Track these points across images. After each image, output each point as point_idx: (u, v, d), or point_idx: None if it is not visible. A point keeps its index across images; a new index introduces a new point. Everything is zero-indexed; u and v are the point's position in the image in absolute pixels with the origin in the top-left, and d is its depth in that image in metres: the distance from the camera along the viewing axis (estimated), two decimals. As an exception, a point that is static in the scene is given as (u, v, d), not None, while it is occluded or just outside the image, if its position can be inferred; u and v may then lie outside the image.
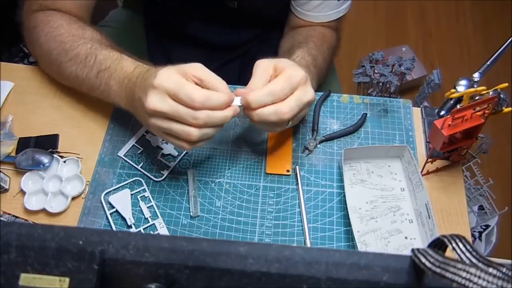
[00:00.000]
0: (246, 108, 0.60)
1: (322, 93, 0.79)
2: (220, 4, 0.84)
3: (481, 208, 0.89)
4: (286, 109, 0.59)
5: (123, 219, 0.67)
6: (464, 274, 0.29)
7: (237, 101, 0.60)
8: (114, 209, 0.68)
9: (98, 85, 0.67)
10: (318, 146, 0.75)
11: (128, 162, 0.73)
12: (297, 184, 0.71)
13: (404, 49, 1.79)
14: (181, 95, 0.54)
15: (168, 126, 0.57)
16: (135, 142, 0.75)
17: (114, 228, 0.67)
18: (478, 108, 0.62)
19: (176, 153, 0.73)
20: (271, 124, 0.62)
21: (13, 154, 0.72)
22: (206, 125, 0.56)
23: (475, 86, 0.69)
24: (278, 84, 0.59)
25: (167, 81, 0.55)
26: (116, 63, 0.65)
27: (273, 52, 0.89)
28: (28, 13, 0.75)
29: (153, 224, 0.67)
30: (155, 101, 0.55)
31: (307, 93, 0.62)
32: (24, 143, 0.73)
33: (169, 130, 0.57)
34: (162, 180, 0.71)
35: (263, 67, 0.62)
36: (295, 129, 0.76)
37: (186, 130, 0.56)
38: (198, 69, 0.58)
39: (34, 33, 0.73)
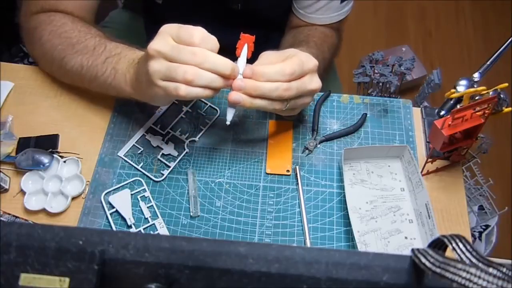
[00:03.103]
0: (249, 78, 0.59)
1: (322, 93, 0.79)
2: (223, 6, 0.84)
3: (481, 208, 0.89)
4: (286, 86, 0.59)
5: (123, 219, 0.67)
6: (464, 274, 0.29)
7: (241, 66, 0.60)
8: (114, 209, 0.68)
9: (104, 70, 0.67)
10: (318, 146, 0.75)
11: (128, 162, 0.73)
12: (297, 184, 0.71)
13: (404, 49, 1.79)
14: (181, 33, 0.56)
15: (166, 65, 0.56)
16: (135, 142, 0.75)
17: (114, 228, 0.67)
18: (478, 108, 0.62)
19: (176, 153, 0.73)
20: (267, 101, 0.61)
21: (13, 154, 0.72)
22: (204, 64, 0.56)
23: (475, 86, 0.69)
24: (289, 66, 0.59)
25: (170, 26, 0.57)
26: (127, 50, 0.67)
27: None
28: (27, 15, 0.75)
29: (153, 224, 0.67)
30: (157, 42, 0.56)
31: (313, 82, 0.62)
32: (24, 143, 0.73)
33: (167, 70, 0.56)
34: (162, 180, 0.71)
35: (266, 55, 0.63)
36: (295, 129, 0.76)
37: (183, 67, 0.56)
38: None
39: (35, 33, 0.73)
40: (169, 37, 0.56)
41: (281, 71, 0.59)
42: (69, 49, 0.70)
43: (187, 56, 0.55)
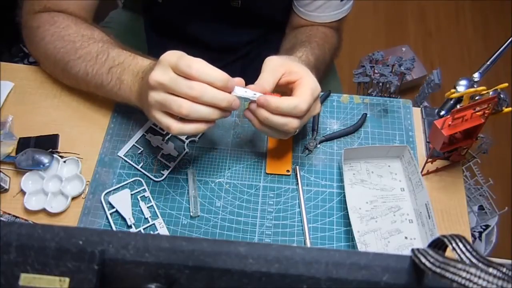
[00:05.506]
0: (261, 106, 0.59)
1: (322, 93, 0.79)
2: (223, 3, 0.84)
3: (481, 208, 0.89)
4: (296, 123, 0.60)
5: (123, 219, 0.67)
6: (464, 274, 0.29)
7: (240, 91, 0.59)
8: (114, 209, 0.68)
9: (109, 80, 0.67)
10: (318, 146, 0.75)
11: (128, 162, 0.73)
12: (297, 184, 0.71)
13: (404, 49, 1.79)
14: (180, 64, 0.55)
15: (163, 97, 0.56)
16: (135, 142, 0.75)
17: (114, 228, 0.67)
18: (478, 108, 0.62)
19: (176, 153, 0.73)
20: (273, 131, 0.62)
21: (13, 154, 0.72)
22: (201, 99, 0.55)
23: (475, 86, 0.69)
24: (305, 103, 0.59)
25: (172, 54, 0.56)
26: (130, 59, 0.66)
27: (274, 54, 0.89)
28: (30, 14, 0.75)
29: (153, 224, 0.67)
30: (157, 73, 0.56)
31: (317, 108, 0.64)
32: (24, 143, 0.73)
33: (163, 101, 0.56)
34: (162, 180, 0.71)
35: (274, 64, 0.62)
36: (295, 129, 0.76)
37: (179, 101, 0.55)
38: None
39: (38, 33, 0.73)
40: (168, 67, 0.56)
41: (298, 109, 0.59)
42: (72, 53, 0.70)
43: (184, 89, 0.55)
